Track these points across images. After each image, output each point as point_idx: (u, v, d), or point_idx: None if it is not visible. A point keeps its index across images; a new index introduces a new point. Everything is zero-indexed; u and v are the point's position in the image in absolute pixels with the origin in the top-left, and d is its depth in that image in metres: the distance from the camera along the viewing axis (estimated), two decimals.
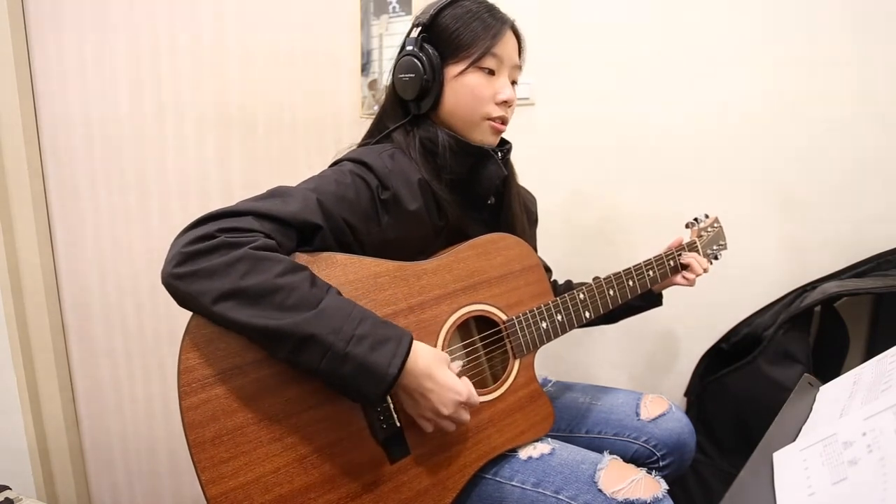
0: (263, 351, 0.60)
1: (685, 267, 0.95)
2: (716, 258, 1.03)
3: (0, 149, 1.19)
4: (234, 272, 0.56)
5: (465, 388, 0.65)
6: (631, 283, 0.90)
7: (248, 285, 0.56)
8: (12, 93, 1.18)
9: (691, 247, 0.98)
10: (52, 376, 1.30)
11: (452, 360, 0.69)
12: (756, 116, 1.14)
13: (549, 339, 0.82)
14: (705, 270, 0.96)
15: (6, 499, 1.22)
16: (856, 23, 1.05)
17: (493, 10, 0.78)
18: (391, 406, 0.66)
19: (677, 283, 0.96)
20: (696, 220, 1.03)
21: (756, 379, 1.09)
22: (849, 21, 1.06)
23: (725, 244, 1.05)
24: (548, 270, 1.04)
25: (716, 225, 1.04)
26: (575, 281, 1.05)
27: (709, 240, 1.01)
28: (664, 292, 1.00)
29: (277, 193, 0.66)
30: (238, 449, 0.58)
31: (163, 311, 1.34)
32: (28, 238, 1.24)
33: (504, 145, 0.85)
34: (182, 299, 0.58)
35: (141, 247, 1.31)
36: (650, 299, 0.98)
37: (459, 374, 0.67)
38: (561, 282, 1.06)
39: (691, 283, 0.95)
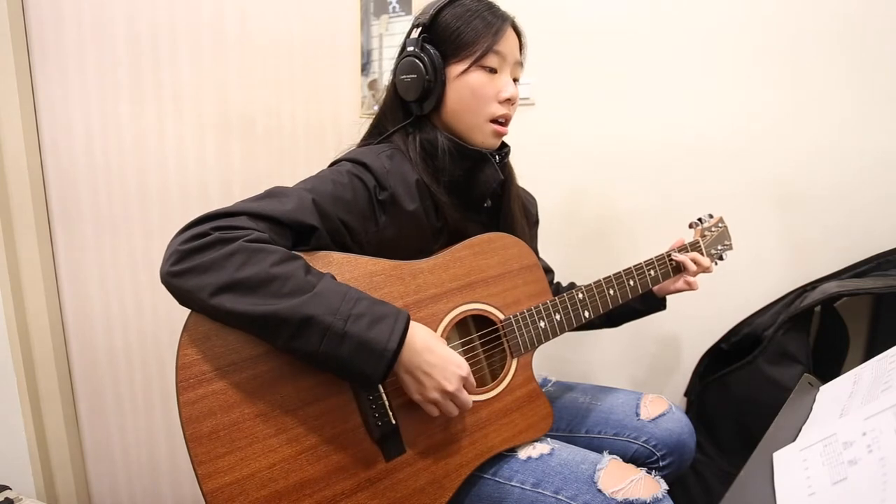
0: (262, 344, 0.60)
1: (680, 268, 0.93)
2: (720, 258, 1.01)
3: (0, 150, 1.19)
4: (230, 265, 0.57)
5: (464, 362, 0.66)
6: (632, 282, 0.89)
7: (244, 276, 0.57)
8: (12, 95, 1.18)
9: (694, 246, 0.96)
10: (52, 376, 1.29)
11: None
12: (756, 116, 1.14)
13: (547, 339, 0.81)
14: (707, 269, 0.95)
15: (6, 499, 1.22)
16: (854, 25, 1.05)
17: (493, 8, 0.78)
18: (386, 403, 0.66)
19: (679, 288, 0.94)
20: (699, 220, 1.01)
21: (756, 379, 1.09)
22: (847, 23, 1.05)
23: (731, 244, 1.03)
24: (549, 272, 1.04)
25: (720, 225, 1.02)
26: (578, 283, 1.03)
27: (713, 239, 1.00)
28: (668, 297, 0.98)
29: (273, 194, 0.66)
30: (234, 444, 0.58)
31: (163, 310, 1.34)
32: (28, 238, 1.24)
33: (503, 149, 0.85)
34: (181, 296, 0.58)
35: (141, 246, 1.31)
36: (653, 303, 0.97)
37: None
38: (564, 284, 1.05)
39: (693, 284, 0.93)
